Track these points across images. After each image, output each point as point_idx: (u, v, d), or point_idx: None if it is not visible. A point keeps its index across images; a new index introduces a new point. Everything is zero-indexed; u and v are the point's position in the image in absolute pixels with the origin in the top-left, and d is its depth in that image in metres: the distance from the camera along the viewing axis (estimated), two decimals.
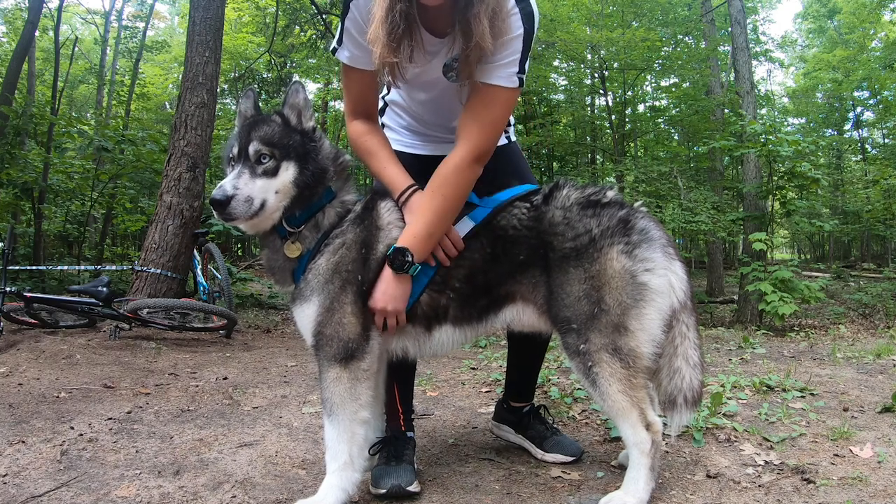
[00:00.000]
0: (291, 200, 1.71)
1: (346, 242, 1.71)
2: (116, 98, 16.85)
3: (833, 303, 9.56)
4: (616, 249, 1.63)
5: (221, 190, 1.60)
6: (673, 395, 1.70)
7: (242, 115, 1.82)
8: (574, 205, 1.71)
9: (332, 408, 1.67)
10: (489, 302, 1.75)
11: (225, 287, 5.17)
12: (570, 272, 1.65)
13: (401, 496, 1.74)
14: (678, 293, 1.65)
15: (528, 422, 2.17)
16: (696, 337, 1.76)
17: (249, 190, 1.63)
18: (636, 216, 1.69)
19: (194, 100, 5.52)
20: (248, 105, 1.83)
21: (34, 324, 4.56)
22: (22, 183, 7.37)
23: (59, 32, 11.91)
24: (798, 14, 28.79)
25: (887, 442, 2.14)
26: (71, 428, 2.33)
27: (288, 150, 1.70)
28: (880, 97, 19.35)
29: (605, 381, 1.60)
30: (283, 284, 1.80)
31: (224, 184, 1.62)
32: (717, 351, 4.32)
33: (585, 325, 1.61)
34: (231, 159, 1.72)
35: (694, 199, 9.02)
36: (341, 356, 1.66)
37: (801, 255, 28.91)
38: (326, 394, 1.68)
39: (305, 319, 1.70)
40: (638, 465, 1.64)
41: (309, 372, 3.59)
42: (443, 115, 1.98)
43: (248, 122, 1.76)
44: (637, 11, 13.12)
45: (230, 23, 16.68)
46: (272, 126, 1.73)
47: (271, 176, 1.67)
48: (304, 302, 1.70)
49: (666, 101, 15.89)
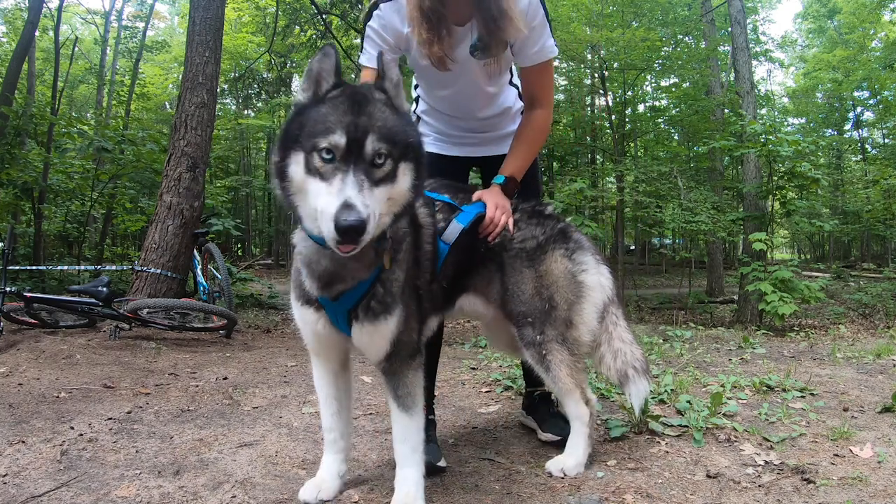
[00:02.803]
0: (402, 209, 1.45)
1: (408, 247, 1.67)
2: (116, 98, 16.85)
3: (833, 303, 9.56)
4: (558, 253, 1.94)
5: (355, 213, 1.21)
6: (624, 370, 1.96)
7: (317, 79, 1.41)
8: (522, 213, 2.02)
9: (413, 402, 1.68)
10: (452, 292, 1.95)
11: (225, 287, 5.17)
12: (523, 272, 1.92)
13: (431, 472, 1.86)
14: (607, 290, 1.98)
15: (537, 405, 2.35)
16: (625, 324, 2.05)
17: (374, 205, 1.29)
18: (571, 228, 2.03)
19: (194, 100, 5.52)
20: (328, 67, 1.40)
21: (34, 324, 4.55)
22: (22, 183, 7.37)
23: (59, 32, 11.91)
24: (798, 14, 28.82)
25: (887, 442, 2.14)
26: (71, 428, 2.33)
27: (406, 148, 1.39)
28: (880, 97, 19.36)
29: (557, 366, 1.88)
30: (331, 294, 1.55)
31: (350, 198, 1.23)
32: (717, 351, 4.32)
33: (541, 320, 1.89)
34: (325, 151, 1.30)
35: (694, 199, 9.02)
36: (414, 355, 1.71)
37: (801, 255, 28.91)
38: (407, 390, 1.68)
39: (386, 332, 1.60)
40: (579, 434, 1.95)
41: (309, 372, 3.58)
42: (463, 108, 2.17)
43: (350, 100, 1.36)
44: (637, 11, 13.13)
45: (230, 23, 16.69)
46: (385, 113, 1.38)
47: (390, 182, 1.36)
48: (386, 315, 1.58)
49: (666, 101, 15.91)
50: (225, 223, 8.18)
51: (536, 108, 2.09)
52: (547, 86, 2.08)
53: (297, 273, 1.64)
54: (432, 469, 1.88)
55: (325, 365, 1.79)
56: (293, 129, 1.37)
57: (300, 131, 1.35)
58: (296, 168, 1.35)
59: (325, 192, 1.28)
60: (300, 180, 1.35)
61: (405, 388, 1.69)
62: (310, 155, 1.32)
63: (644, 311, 9.44)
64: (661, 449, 2.13)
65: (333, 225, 1.22)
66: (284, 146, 1.38)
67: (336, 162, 1.30)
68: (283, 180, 1.39)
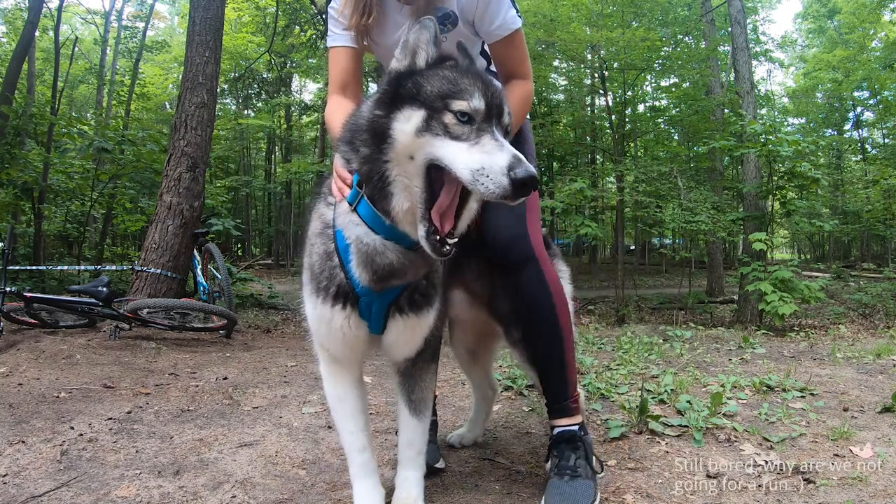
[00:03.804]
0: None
1: None
2: (116, 98, 16.87)
3: (833, 303, 9.56)
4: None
5: (531, 168, 1.18)
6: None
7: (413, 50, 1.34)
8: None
9: (425, 407, 1.62)
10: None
11: (225, 287, 5.17)
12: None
13: (429, 472, 1.81)
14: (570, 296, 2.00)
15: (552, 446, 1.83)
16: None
17: None
18: (548, 237, 2.01)
19: (194, 100, 5.52)
20: (425, 38, 1.34)
21: (34, 324, 4.55)
22: (22, 183, 7.37)
23: (59, 32, 11.91)
24: (798, 14, 28.83)
25: (887, 442, 2.14)
26: (71, 428, 2.33)
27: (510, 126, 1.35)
28: (880, 97, 19.37)
29: None
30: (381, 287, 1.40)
31: (519, 155, 1.19)
32: (717, 351, 4.32)
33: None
34: (460, 113, 1.23)
35: (694, 199, 9.02)
36: (435, 356, 1.66)
37: (801, 255, 28.93)
38: (422, 394, 1.62)
39: (425, 325, 1.52)
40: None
41: (309, 372, 3.59)
42: None
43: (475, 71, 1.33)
44: (637, 11, 13.11)
45: (230, 23, 16.69)
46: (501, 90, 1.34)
47: None
48: (429, 307, 1.50)
49: (666, 101, 15.90)
50: (225, 223, 8.18)
51: (515, 80, 1.89)
52: (520, 59, 1.88)
53: (320, 262, 1.44)
54: (430, 470, 1.85)
55: (347, 373, 1.58)
56: (408, 88, 1.27)
57: (418, 90, 1.26)
58: (404, 126, 1.24)
59: (467, 150, 1.20)
60: (408, 142, 1.24)
61: (420, 392, 1.62)
62: (438, 114, 1.23)
63: (644, 311, 9.43)
64: (661, 449, 2.13)
65: (508, 179, 1.14)
66: (392, 102, 1.27)
67: (477, 124, 1.23)
68: (381, 142, 1.27)
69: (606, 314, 9.07)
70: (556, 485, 1.67)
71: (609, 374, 3.34)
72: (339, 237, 1.40)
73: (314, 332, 1.52)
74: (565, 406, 1.81)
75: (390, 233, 1.32)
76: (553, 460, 1.75)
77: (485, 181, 1.16)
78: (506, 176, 1.15)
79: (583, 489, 1.64)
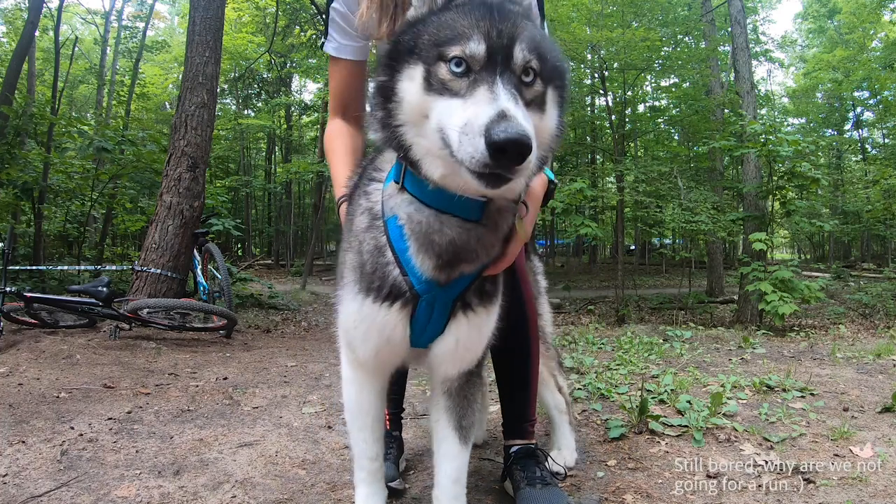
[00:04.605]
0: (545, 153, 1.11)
1: None
2: (116, 98, 16.87)
3: (833, 303, 9.55)
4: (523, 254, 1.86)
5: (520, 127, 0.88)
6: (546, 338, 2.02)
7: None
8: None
9: (473, 432, 1.43)
10: None
11: (225, 287, 5.17)
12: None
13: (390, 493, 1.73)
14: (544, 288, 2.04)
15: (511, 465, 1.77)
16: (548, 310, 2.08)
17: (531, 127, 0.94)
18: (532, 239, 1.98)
19: (194, 100, 5.52)
20: None
21: (34, 324, 4.55)
22: (22, 183, 7.37)
23: (59, 32, 11.92)
24: (798, 14, 28.85)
25: (887, 442, 2.14)
26: (71, 428, 2.33)
27: (554, 70, 1.07)
28: (880, 97, 19.37)
29: None
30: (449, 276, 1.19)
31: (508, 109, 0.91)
32: (717, 351, 4.32)
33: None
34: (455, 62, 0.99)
35: (694, 199, 9.03)
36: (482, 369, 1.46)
37: (801, 255, 28.94)
38: (473, 418, 1.42)
39: (491, 325, 1.31)
40: (562, 423, 2.01)
41: (309, 372, 3.59)
42: None
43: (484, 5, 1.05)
44: (637, 11, 13.11)
45: (230, 23, 16.69)
46: (529, 24, 1.06)
47: (539, 110, 1.05)
48: (494, 304, 1.29)
49: (666, 101, 15.92)
50: (225, 223, 8.19)
51: None
52: None
53: (371, 260, 1.22)
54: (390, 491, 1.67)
55: (376, 382, 1.40)
56: (406, 41, 1.06)
57: (415, 41, 1.04)
58: (409, 85, 1.03)
59: (460, 107, 0.96)
60: (416, 101, 1.02)
61: (472, 414, 1.39)
62: (434, 66, 1.00)
63: (644, 311, 9.44)
64: (661, 449, 2.13)
65: (484, 141, 0.88)
66: (392, 60, 1.07)
67: (474, 73, 0.98)
68: (389, 103, 1.06)
69: (606, 314, 9.07)
70: (531, 493, 1.62)
71: (609, 374, 3.34)
72: (390, 227, 1.19)
73: (349, 335, 1.32)
74: (524, 428, 1.78)
75: (443, 202, 1.10)
76: (518, 473, 1.70)
77: (465, 144, 0.92)
78: (481, 136, 0.89)
79: (558, 495, 1.62)
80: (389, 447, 1.87)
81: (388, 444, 1.87)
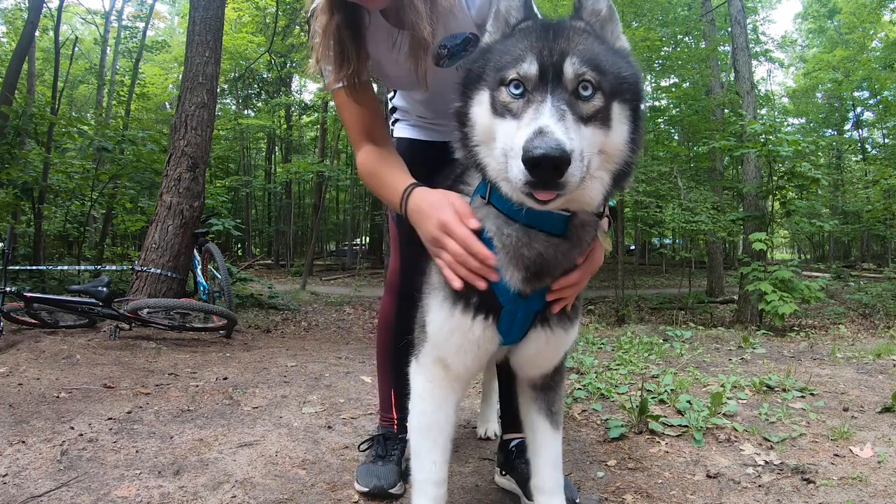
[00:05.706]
0: (620, 168, 1.10)
1: None
2: (116, 98, 16.88)
3: (833, 303, 9.56)
4: None
5: (550, 139, 0.91)
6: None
7: (505, 18, 1.17)
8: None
9: (562, 417, 1.47)
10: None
11: (225, 287, 5.17)
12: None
13: (382, 496, 1.73)
14: None
15: (514, 460, 1.80)
16: None
17: (582, 143, 0.98)
18: None
19: (194, 100, 5.52)
20: (516, 3, 1.16)
21: (34, 324, 4.55)
22: (22, 183, 7.37)
23: (59, 32, 11.92)
24: (798, 14, 28.84)
25: (887, 442, 2.14)
26: (71, 428, 2.33)
27: (619, 84, 1.07)
28: (880, 97, 19.37)
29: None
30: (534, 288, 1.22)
31: (546, 126, 0.93)
32: (717, 351, 4.32)
33: None
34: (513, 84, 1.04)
35: (694, 199, 9.03)
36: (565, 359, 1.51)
37: (801, 255, 28.96)
38: (561, 404, 1.45)
39: (575, 331, 1.35)
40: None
41: (309, 372, 3.59)
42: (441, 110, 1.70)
43: (544, 27, 1.09)
44: (637, 11, 13.11)
45: (230, 23, 16.69)
46: (589, 39, 1.08)
47: (601, 125, 1.05)
48: (575, 324, 1.33)
49: (666, 101, 15.90)
50: (225, 223, 8.19)
51: None
52: None
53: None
54: (381, 494, 1.71)
55: (455, 396, 1.36)
56: (476, 68, 1.13)
57: (484, 68, 1.11)
58: (479, 110, 1.10)
59: (515, 129, 1.00)
60: (486, 124, 1.09)
61: (560, 402, 1.44)
62: (496, 91, 1.06)
63: (644, 311, 9.44)
64: (661, 449, 2.13)
65: (521, 159, 0.92)
66: (465, 87, 1.14)
67: (529, 94, 1.02)
68: (464, 126, 1.14)
69: (606, 314, 9.08)
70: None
71: (609, 374, 3.34)
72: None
73: (438, 344, 1.29)
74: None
75: (529, 217, 1.13)
76: (523, 467, 1.68)
77: (512, 166, 0.98)
78: (519, 157, 0.93)
79: (567, 482, 1.65)
80: (394, 449, 1.89)
81: (393, 445, 1.89)
